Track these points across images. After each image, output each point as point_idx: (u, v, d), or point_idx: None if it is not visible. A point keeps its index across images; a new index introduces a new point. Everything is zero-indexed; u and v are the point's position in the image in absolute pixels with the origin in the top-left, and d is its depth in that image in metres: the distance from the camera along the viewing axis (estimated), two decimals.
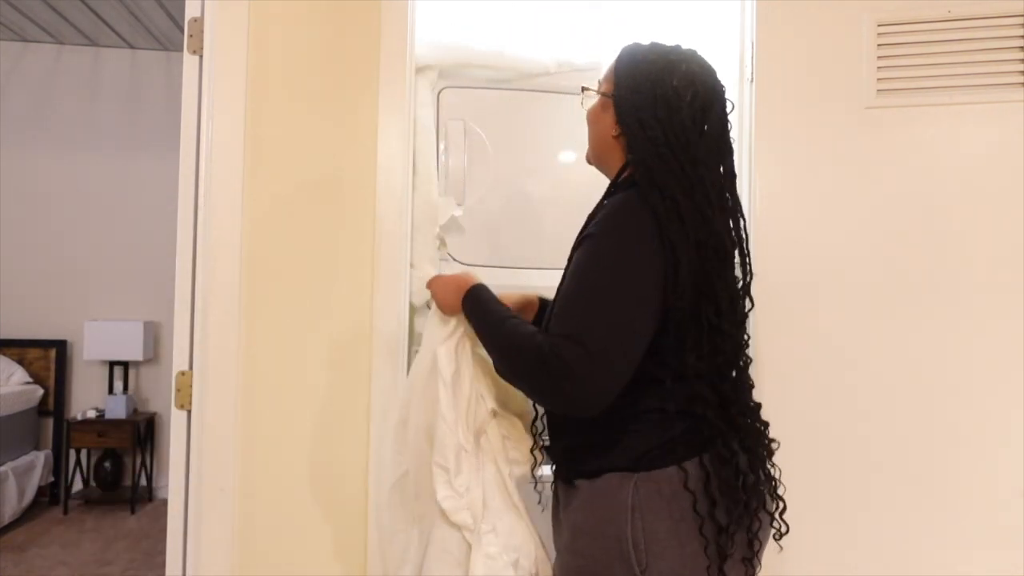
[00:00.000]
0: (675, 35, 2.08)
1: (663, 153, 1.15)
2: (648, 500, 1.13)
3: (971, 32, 1.64)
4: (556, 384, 1.08)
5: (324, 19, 1.68)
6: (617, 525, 1.13)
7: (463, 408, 1.30)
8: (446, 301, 1.34)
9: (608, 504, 1.15)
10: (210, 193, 1.59)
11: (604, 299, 1.10)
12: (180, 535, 1.59)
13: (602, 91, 1.27)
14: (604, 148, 1.27)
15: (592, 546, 1.16)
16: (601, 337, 1.08)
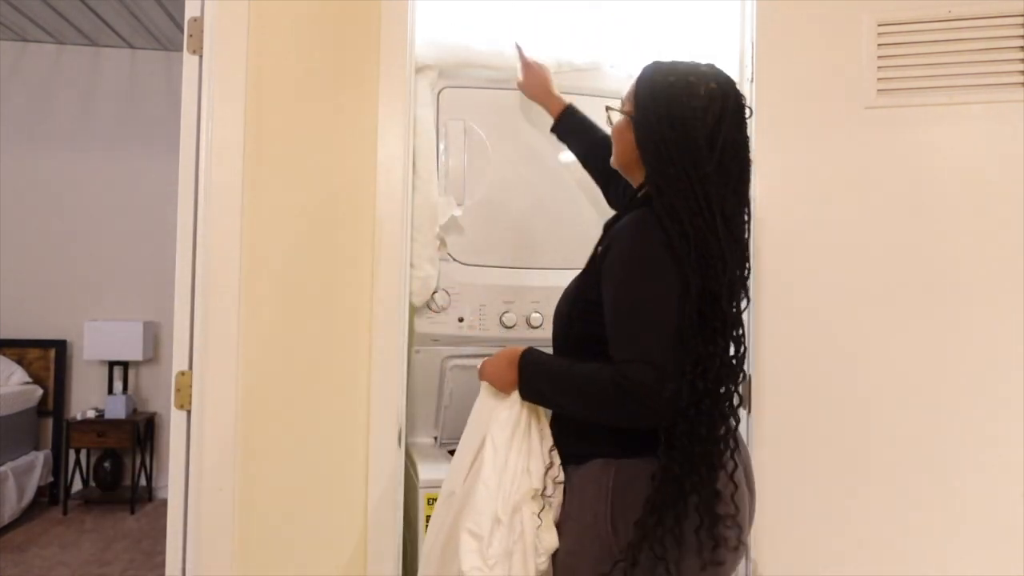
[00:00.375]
0: (675, 35, 2.10)
1: (675, 174, 1.21)
2: (626, 486, 1.21)
3: (971, 32, 1.64)
4: (638, 403, 1.15)
5: (324, 19, 1.68)
6: (595, 510, 1.22)
7: (508, 478, 1.27)
8: (502, 378, 1.34)
9: (590, 489, 1.24)
10: (210, 193, 1.59)
11: (648, 318, 1.19)
12: (180, 535, 1.59)
13: (624, 111, 1.34)
14: (628, 163, 1.36)
15: (574, 528, 1.25)
16: (661, 351, 1.16)
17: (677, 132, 1.22)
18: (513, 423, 1.30)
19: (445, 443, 2.13)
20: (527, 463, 1.28)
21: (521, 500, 1.26)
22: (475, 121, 1.98)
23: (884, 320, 1.66)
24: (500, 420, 1.30)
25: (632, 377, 1.14)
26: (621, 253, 1.23)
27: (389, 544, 1.67)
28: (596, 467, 1.24)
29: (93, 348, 4.40)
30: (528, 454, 1.29)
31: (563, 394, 1.28)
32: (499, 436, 1.29)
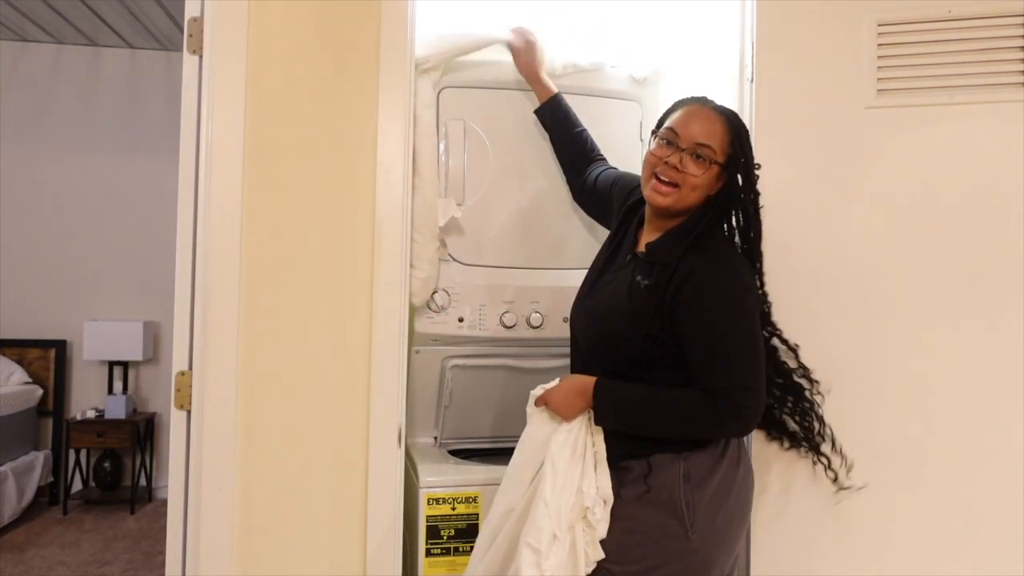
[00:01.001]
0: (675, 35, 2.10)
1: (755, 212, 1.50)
2: (695, 471, 1.39)
3: (971, 32, 1.64)
4: (741, 425, 1.39)
5: (324, 19, 1.68)
6: (670, 492, 1.38)
7: (564, 497, 1.37)
8: (571, 407, 1.44)
9: (660, 476, 1.39)
10: (210, 193, 1.59)
11: (747, 344, 1.38)
12: (180, 535, 1.59)
13: (720, 161, 1.45)
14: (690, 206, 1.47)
15: (647, 509, 1.38)
16: (757, 375, 1.37)
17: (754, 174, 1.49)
18: (572, 445, 1.41)
19: (445, 443, 2.13)
20: (580, 483, 1.38)
21: (575, 518, 1.37)
22: (475, 121, 1.98)
23: (883, 319, 1.66)
24: (559, 442, 1.41)
25: (736, 402, 1.34)
26: (710, 285, 1.38)
27: (389, 544, 1.67)
28: (665, 459, 1.39)
29: (93, 348, 4.39)
30: (582, 474, 1.39)
31: (649, 421, 1.40)
32: (559, 458, 1.39)
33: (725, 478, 1.42)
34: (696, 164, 1.43)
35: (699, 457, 1.40)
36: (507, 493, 1.47)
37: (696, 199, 1.45)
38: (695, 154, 1.42)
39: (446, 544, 1.79)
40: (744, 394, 1.34)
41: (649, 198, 1.47)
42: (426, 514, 1.79)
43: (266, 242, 1.63)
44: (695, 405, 1.35)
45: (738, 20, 1.79)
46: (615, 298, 1.46)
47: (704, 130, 1.43)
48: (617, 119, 2.05)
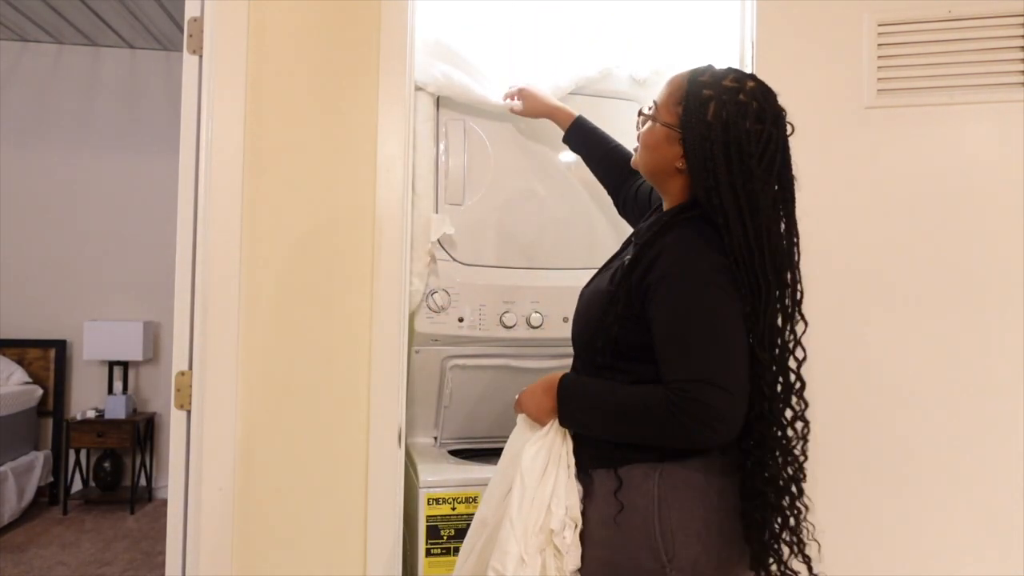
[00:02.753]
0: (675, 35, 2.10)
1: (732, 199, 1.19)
2: (674, 491, 1.18)
3: (971, 32, 1.64)
4: (703, 426, 1.12)
5: (324, 19, 1.68)
6: (643, 516, 1.17)
7: (532, 518, 1.23)
8: (539, 407, 1.30)
9: (631, 495, 1.19)
10: (210, 193, 1.59)
11: (719, 338, 1.15)
12: (180, 535, 1.59)
13: (666, 121, 1.26)
14: (662, 175, 1.31)
15: (616, 537, 1.19)
16: (730, 373, 1.14)
17: (733, 157, 1.19)
18: (544, 456, 1.27)
19: (445, 443, 2.13)
20: (549, 501, 1.24)
21: (544, 540, 1.23)
22: (475, 121, 1.98)
23: (883, 320, 1.66)
24: (531, 454, 1.27)
25: (704, 399, 1.11)
26: (675, 268, 1.19)
27: (389, 544, 1.67)
28: (637, 473, 1.20)
29: (93, 348, 4.40)
30: (552, 491, 1.25)
31: (609, 420, 1.23)
32: (529, 473, 1.25)
33: (710, 497, 1.20)
34: (643, 123, 1.33)
35: (678, 470, 1.19)
36: (483, 505, 1.35)
37: (652, 162, 1.31)
38: (646, 114, 1.33)
39: (446, 544, 1.79)
40: (706, 390, 1.11)
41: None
42: (426, 514, 1.79)
43: (266, 242, 1.63)
44: (655, 402, 1.14)
45: (738, 20, 1.79)
46: (603, 282, 1.32)
47: (662, 92, 1.30)
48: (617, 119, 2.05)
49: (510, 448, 1.34)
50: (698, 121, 1.21)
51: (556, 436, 1.28)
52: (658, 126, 1.28)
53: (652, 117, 1.30)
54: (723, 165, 1.19)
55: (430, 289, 1.91)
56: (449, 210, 1.95)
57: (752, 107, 1.21)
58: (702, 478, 1.20)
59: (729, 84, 1.23)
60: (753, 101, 1.22)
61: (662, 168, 1.30)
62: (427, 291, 1.90)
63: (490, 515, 1.30)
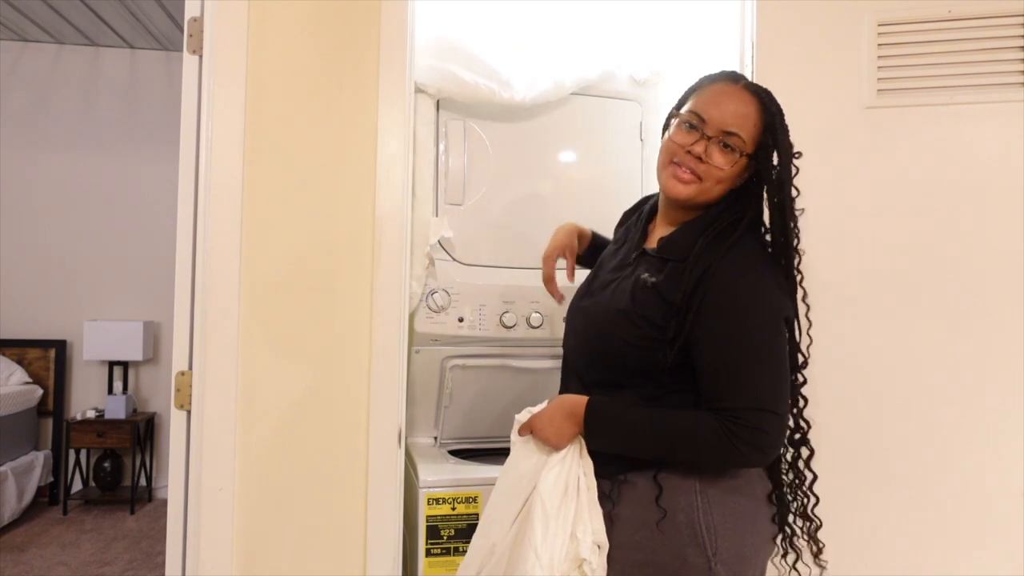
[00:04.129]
0: (675, 35, 2.10)
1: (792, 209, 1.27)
2: (711, 487, 1.19)
3: (971, 32, 1.64)
4: (759, 452, 1.15)
5: (324, 19, 1.68)
6: (686, 513, 1.18)
7: (559, 545, 1.19)
8: (560, 433, 1.25)
9: (672, 495, 1.19)
10: (210, 193, 1.59)
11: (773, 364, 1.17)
12: (180, 535, 1.59)
13: (747, 151, 1.26)
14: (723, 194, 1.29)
15: (659, 538, 1.19)
16: (782, 399, 1.17)
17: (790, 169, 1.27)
18: (563, 483, 1.23)
19: (445, 443, 2.13)
20: (574, 528, 1.20)
21: (569, 567, 1.19)
22: (475, 122, 1.98)
23: (883, 320, 1.66)
24: (549, 481, 1.22)
25: (753, 426, 1.12)
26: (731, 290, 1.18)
27: (389, 544, 1.67)
28: (675, 475, 1.20)
29: (93, 348, 4.39)
30: (576, 517, 1.21)
31: (650, 446, 1.20)
32: (550, 501, 1.21)
33: (746, 491, 1.22)
34: (723, 155, 1.24)
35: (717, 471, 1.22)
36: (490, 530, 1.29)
37: (719, 192, 1.26)
38: (722, 143, 1.23)
39: (446, 544, 1.79)
40: (763, 417, 1.12)
41: (666, 187, 1.28)
42: (426, 514, 1.79)
43: (266, 242, 1.63)
44: (705, 429, 1.14)
45: (738, 20, 1.79)
46: (617, 299, 1.27)
47: (735, 114, 1.23)
48: (617, 119, 2.05)
49: (519, 470, 1.28)
50: (784, 146, 1.26)
51: (574, 459, 1.25)
52: (743, 158, 1.26)
53: (734, 151, 1.25)
54: (789, 181, 1.26)
55: (430, 289, 1.91)
56: (449, 210, 1.95)
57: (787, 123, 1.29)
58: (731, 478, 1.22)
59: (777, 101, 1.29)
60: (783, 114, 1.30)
61: (727, 190, 1.29)
62: (427, 291, 1.90)
63: (499, 540, 1.25)
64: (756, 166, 1.26)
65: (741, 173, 1.27)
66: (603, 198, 2.05)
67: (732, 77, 1.29)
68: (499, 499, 1.30)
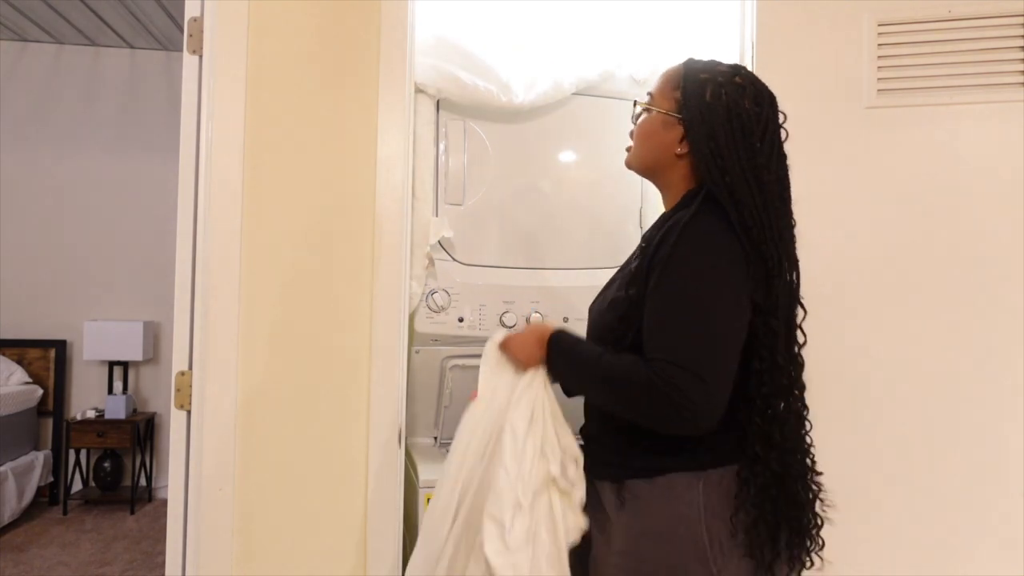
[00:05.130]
0: (675, 35, 2.10)
1: (740, 175, 1.18)
2: (718, 499, 1.16)
3: (971, 32, 1.64)
4: (674, 411, 1.09)
5: (324, 19, 1.68)
6: (690, 526, 1.15)
7: (527, 463, 1.21)
8: (527, 355, 1.29)
9: (677, 505, 1.16)
10: (210, 193, 1.59)
11: (710, 325, 1.12)
12: (180, 535, 1.59)
13: (665, 110, 1.27)
14: (662, 163, 1.29)
15: (661, 549, 1.16)
16: (713, 364, 1.10)
17: (736, 134, 1.20)
18: (531, 407, 1.26)
19: (445, 443, 2.13)
20: (541, 445, 1.23)
21: (541, 485, 1.21)
22: (475, 122, 1.98)
23: (884, 319, 1.66)
24: (520, 404, 1.26)
25: (676, 383, 1.08)
26: (681, 248, 1.15)
27: (389, 544, 1.67)
28: (679, 482, 1.17)
29: (93, 348, 4.39)
30: (543, 437, 1.24)
31: (592, 385, 1.23)
32: (519, 422, 1.24)
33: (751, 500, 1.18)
34: (640, 117, 1.32)
35: (720, 477, 1.18)
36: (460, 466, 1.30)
37: (649, 153, 1.30)
38: (642, 106, 1.32)
39: None
40: (681, 375, 1.07)
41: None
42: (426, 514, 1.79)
43: (266, 242, 1.63)
44: (635, 375, 1.12)
45: (738, 20, 1.79)
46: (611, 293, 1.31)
47: (658, 82, 1.31)
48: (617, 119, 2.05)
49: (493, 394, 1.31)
50: (698, 101, 1.22)
51: (540, 388, 1.28)
52: (655, 113, 1.28)
53: (648, 106, 1.30)
54: (727, 142, 1.19)
55: (430, 289, 1.91)
56: (449, 210, 1.95)
57: (749, 89, 1.23)
58: (732, 481, 1.18)
59: (724, 69, 1.26)
60: (750, 84, 1.25)
61: (661, 156, 1.28)
62: (427, 291, 1.90)
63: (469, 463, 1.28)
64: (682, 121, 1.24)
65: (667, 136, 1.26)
66: (603, 198, 2.06)
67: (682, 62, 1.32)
68: (467, 437, 1.32)
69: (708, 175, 1.20)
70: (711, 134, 1.20)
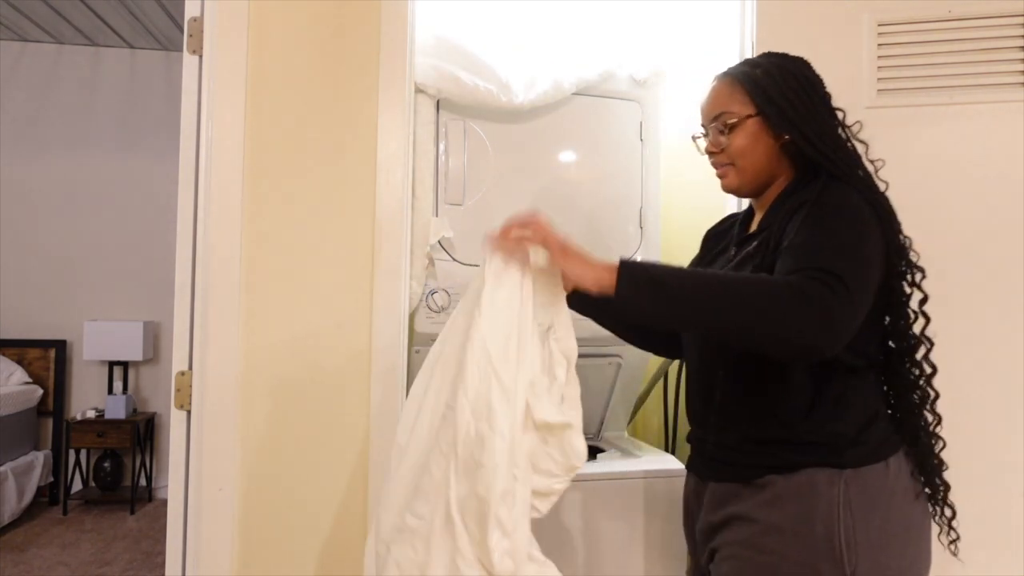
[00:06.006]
0: (675, 35, 2.10)
1: (836, 140, 1.22)
2: (859, 498, 1.11)
3: (971, 32, 1.64)
4: (812, 314, 0.98)
5: (324, 19, 1.68)
6: (826, 524, 1.10)
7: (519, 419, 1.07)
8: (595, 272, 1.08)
9: (813, 502, 1.11)
10: (210, 193, 1.60)
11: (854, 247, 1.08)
12: (180, 535, 1.59)
13: (746, 114, 1.22)
14: (771, 166, 1.25)
15: (790, 545, 1.12)
16: (856, 277, 1.03)
17: (819, 108, 1.23)
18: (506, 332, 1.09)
19: None
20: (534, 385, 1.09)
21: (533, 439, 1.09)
22: (475, 122, 1.98)
23: None
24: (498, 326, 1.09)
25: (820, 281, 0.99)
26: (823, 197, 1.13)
27: None
28: (819, 478, 1.12)
29: (93, 348, 4.40)
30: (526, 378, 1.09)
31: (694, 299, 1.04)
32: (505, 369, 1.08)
33: (898, 502, 1.14)
34: (724, 135, 1.24)
35: (863, 474, 1.13)
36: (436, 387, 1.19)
37: (761, 161, 1.24)
38: (718, 129, 1.25)
39: None
40: (826, 277, 0.99)
41: (723, 189, 1.31)
42: None
43: (266, 242, 1.63)
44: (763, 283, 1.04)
45: (738, 20, 1.79)
46: None
47: (711, 102, 1.27)
48: (617, 119, 2.05)
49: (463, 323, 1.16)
50: (765, 86, 1.21)
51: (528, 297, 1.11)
52: (748, 122, 1.22)
53: (734, 124, 1.23)
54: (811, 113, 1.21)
55: (430, 289, 1.91)
56: (449, 210, 1.95)
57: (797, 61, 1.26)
58: (883, 481, 1.14)
59: (752, 59, 1.31)
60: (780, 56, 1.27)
61: (769, 161, 1.24)
62: (427, 291, 1.90)
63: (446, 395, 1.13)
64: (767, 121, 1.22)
65: (766, 137, 1.23)
66: (603, 198, 2.05)
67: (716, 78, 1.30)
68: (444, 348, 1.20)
69: (814, 148, 1.19)
70: (801, 112, 1.20)
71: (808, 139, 1.19)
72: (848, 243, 1.07)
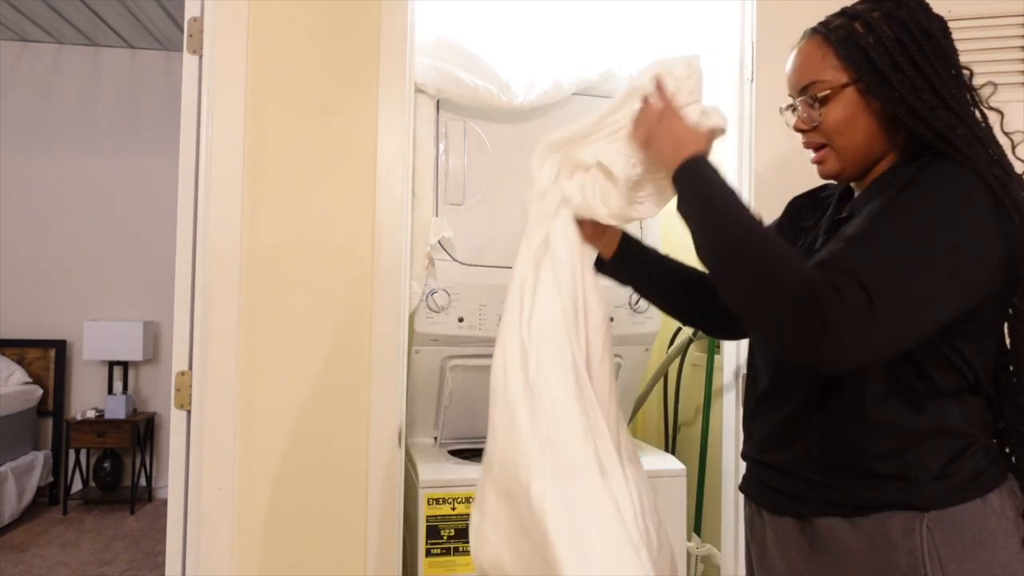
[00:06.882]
0: (675, 35, 2.10)
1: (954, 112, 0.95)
2: (947, 547, 0.90)
3: (971, 32, 1.64)
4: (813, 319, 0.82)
5: (324, 19, 1.68)
6: (911, 556, 0.90)
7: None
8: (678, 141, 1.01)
9: (890, 558, 0.91)
10: (210, 193, 1.60)
11: (911, 252, 0.86)
12: (180, 535, 1.59)
13: (841, 84, 0.99)
14: (877, 148, 1.01)
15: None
16: (893, 293, 0.84)
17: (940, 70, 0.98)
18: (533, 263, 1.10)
19: (445, 443, 2.13)
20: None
21: None
22: (475, 122, 1.98)
23: None
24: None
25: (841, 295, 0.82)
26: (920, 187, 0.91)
27: (389, 544, 1.67)
28: (893, 524, 0.92)
29: (93, 348, 4.40)
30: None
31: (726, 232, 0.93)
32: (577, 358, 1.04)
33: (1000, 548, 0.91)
34: (814, 109, 1.02)
35: (954, 516, 0.91)
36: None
37: (864, 140, 1.00)
38: (807, 102, 1.03)
39: (446, 544, 1.79)
40: (858, 295, 0.82)
41: (822, 176, 1.10)
42: (426, 514, 1.79)
43: (266, 242, 1.63)
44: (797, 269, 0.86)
45: (738, 20, 1.79)
46: None
47: (799, 69, 1.05)
48: None
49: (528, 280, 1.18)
50: (870, 45, 0.98)
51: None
52: (844, 93, 0.99)
53: (826, 97, 1.00)
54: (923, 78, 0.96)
55: (430, 289, 1.91)
56: (449, 210, 1.95)
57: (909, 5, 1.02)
58: (981, 523, 0.91)
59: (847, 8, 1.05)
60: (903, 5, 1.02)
61: (873, 138, 1.00)
62: (427, 291, 1.90)
63: None
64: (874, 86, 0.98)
65: (865, 106, 0.99)
66: None
67: (801, 38, 1.09)
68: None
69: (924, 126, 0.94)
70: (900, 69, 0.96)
71: (916, 113, 0.94)
72: (905, 246, 0.86)
